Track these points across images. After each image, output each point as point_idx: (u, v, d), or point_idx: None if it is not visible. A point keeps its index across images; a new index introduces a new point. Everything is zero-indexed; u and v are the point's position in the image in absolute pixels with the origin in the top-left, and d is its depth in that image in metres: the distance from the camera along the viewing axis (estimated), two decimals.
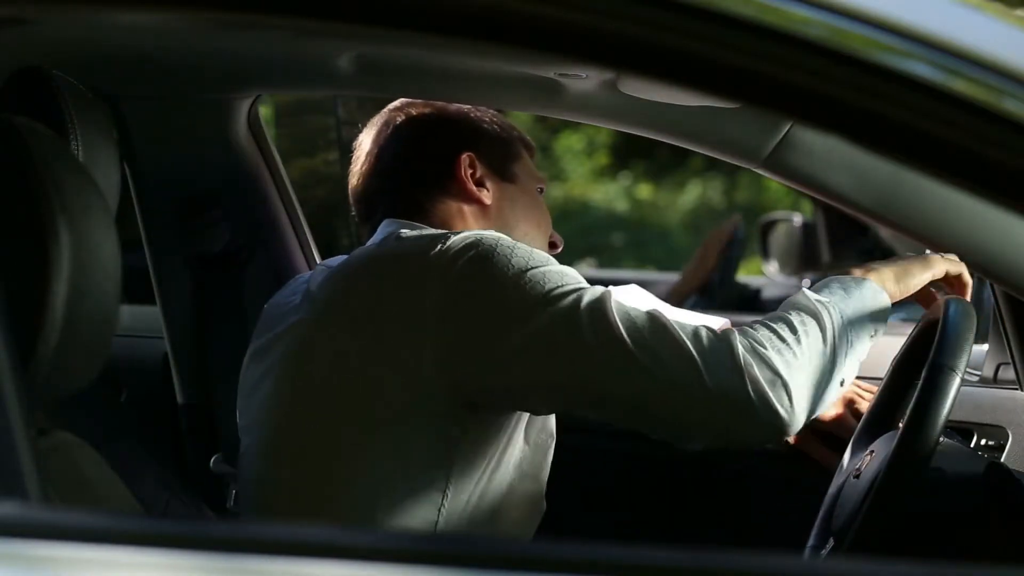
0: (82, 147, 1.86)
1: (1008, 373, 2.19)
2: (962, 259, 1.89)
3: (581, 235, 9.71)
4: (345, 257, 1.92)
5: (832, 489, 1.96)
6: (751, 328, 1.75)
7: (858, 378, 2.09)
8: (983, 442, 2.14)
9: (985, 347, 2.27)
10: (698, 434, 1.74)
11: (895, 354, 2.01)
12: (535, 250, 1.78)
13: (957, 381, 1.73)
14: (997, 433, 2.15)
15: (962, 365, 1.74)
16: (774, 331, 1.75)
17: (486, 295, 1.74)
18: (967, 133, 1.13)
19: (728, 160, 2.05)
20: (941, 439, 1.73)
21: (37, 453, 1.18)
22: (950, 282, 1.95)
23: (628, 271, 7.75)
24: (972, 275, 1.95)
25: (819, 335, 1.76)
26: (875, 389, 2.03)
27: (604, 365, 1.71)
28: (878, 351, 2.05)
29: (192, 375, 2.42)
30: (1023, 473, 1.81)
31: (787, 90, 1.15)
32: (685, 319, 2.18)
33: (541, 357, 1.72)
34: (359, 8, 1.18)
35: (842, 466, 1.97)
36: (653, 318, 1.73)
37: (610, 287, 1.77)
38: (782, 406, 1.69)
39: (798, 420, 1.71)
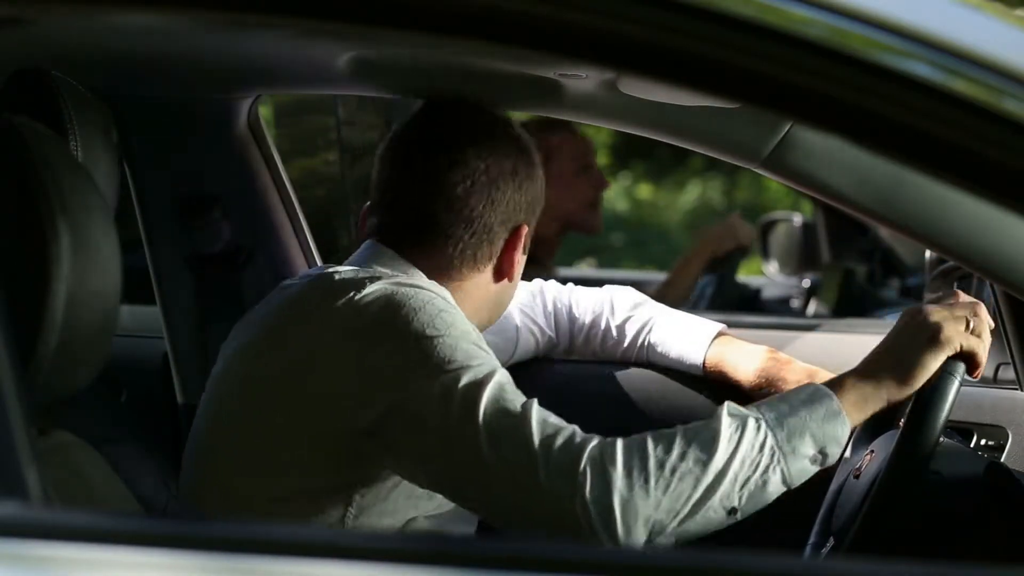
0: (82, 147, 1.86)
1: (1008, 373, 2.19)
2: (962, 259, 1.88)
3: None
4: (298, 282, 1.92)
5: (832, 489, 1.96)
6: (621, 441, 1.67)
7: None
8: (983, 442, 2.14)
9: None
10: (524, 528, 1.71)
11: None
12: (443, 314, 1.75)
13: (957, 382, 1.73)
14: (997, 433, 2.15)
15: (961, 367, 1.74)
16: (643, 451, 1.65)
17: (378, 351, 1.74)
18: (967, 133, 1.13)
19: (728, 160, 2.05)
20: (941, 439, 1.73)
21: (37, 453, 1.18)
22: (963, 357, 1.77)
23: (628, 271, 7.75)
24: (971, 275, 1.95)
25: (708, 463, 1.65)
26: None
27: (451, 451, 1.70)
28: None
29: (192, 375, 2.42)
30: (1023, 473, 1.81)
31: (787, 90, 1.15)
32: (677, 321, 2.19)
33: (403, 425, 1.72)
34: (359, 8, 1.18)
35: (842, 466, 1.97)
36: (520, 416, 1.68)
37: (497, 373, 1.72)
38: (605, 527, 1.61)
39: (632, 543, 1.62)
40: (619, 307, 2.22)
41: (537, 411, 1.69)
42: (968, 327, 1.76)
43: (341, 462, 1.78)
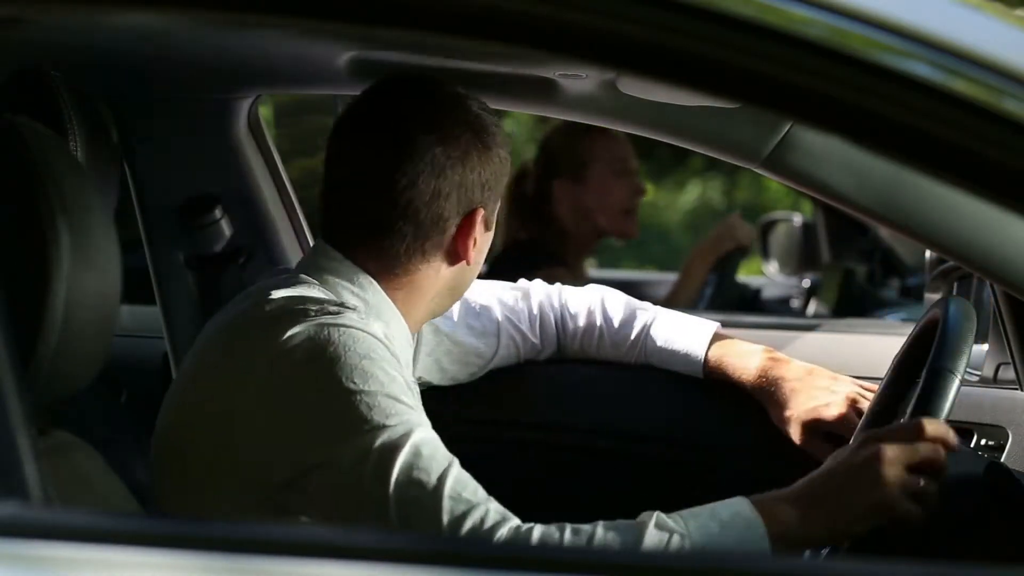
0: (82, 147, 1.87)
1: (1008, 373, 2.19)
2: (962, 259, 1.88)
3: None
4: (243, 297, 1.85)
5: None
6: (536, 528, 1.60)
7: (859, 377, 2.09)
8: (983, 442, 2.14)
9: (985, 347, 2.26)
10: None
11: (895, 354, 2.01)
12: (364, 363, 1.67)
13: (957, 383, 1.73)
14: (997, 433, 2.15)
15: (962, 367, 1.74)
16: (558, 542, 1.56)
17: (295, 405, 1.67)
18: (967, 133, 1.13)
19: (728, 160, 2.05)
20: None
21: (37, 453, 1.18)
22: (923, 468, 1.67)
23: (628, 271, 7.74)
24: (971, 275, 1.95)
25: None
26: (876, 388, 2.03)
27: (363, 514, 1.63)
28: (878, 351, 2.05)
29: None
30: (1023, 473, 1.81)
31: (787, 90, 1.15)
32: (674, 321, 2.17)
33: (318, 484, 1.65)
34: (359, 8, 1.18)
35: None
36: (433, 489, 1.61)
37: (415, 433, 1.64)
38: None
39: None
40: (614, 308, 2.20)
41: (452, 483, 1.61)
42: (924, 468, 1.66)
43: (266, 509, 1.70)
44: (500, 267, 3.38)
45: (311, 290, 1.78)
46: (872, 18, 1.14)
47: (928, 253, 2.86)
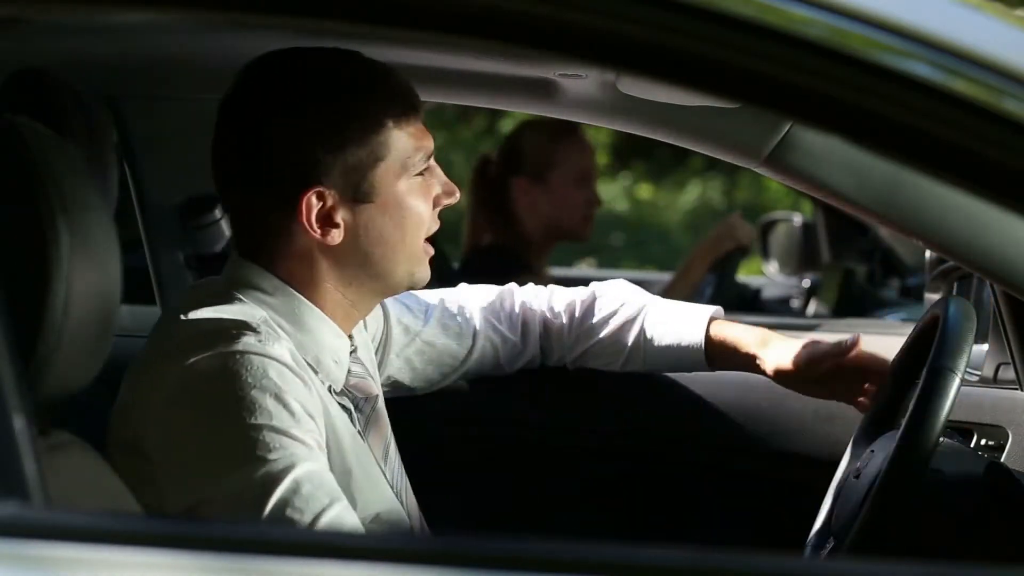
0: (82, 147, 1.87)
1: (1008, 373, 2.19)
2: (962, 259, 1.88)
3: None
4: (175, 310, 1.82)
5: (832, 489, 1.96)
6: None
7: None
8: (983, 442, 2.14)
9: (985, 347, 2.27)
10: None
11: (895, 354, 2.01)
12: (252, 394, 1.63)
13: (957, 382, 1.73)
14: (997, 433, 2.15)
15: (962, 366, 1.74)
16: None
17: (193, 435, 1.65)
18: (967, 133, 1.13)
19: (728, 160, 2.05)
20: (941, 439, 1.73)
21: (37, 453, 1.18)
22: None
23: (628, 271, 7.74)
24: (971, 275, 1.95)
25: None
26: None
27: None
28: (878, 351, 2.05)
29: None
30: (1023, 473, 1.81)
31: (787, 90, 1.15)
32: (669, 307, 2.15)
33: (207, 515, 1.62)
34: (359, 8, 1.18)
35: (842, 466, 1.97)
36: (308, 527, 1.59)
37: (296, 469, 1.61)
38: None
39: None
40: (606, 301, 2.15)
41: (328, 522, 1.60)
42: None
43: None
44: (467, 275, 3.34)
45: (216, 310, 1.74)
46: (872, 18, 1.14)
47: (928, 253, 2.86)
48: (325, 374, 1.79)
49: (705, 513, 2.37)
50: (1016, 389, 2.16)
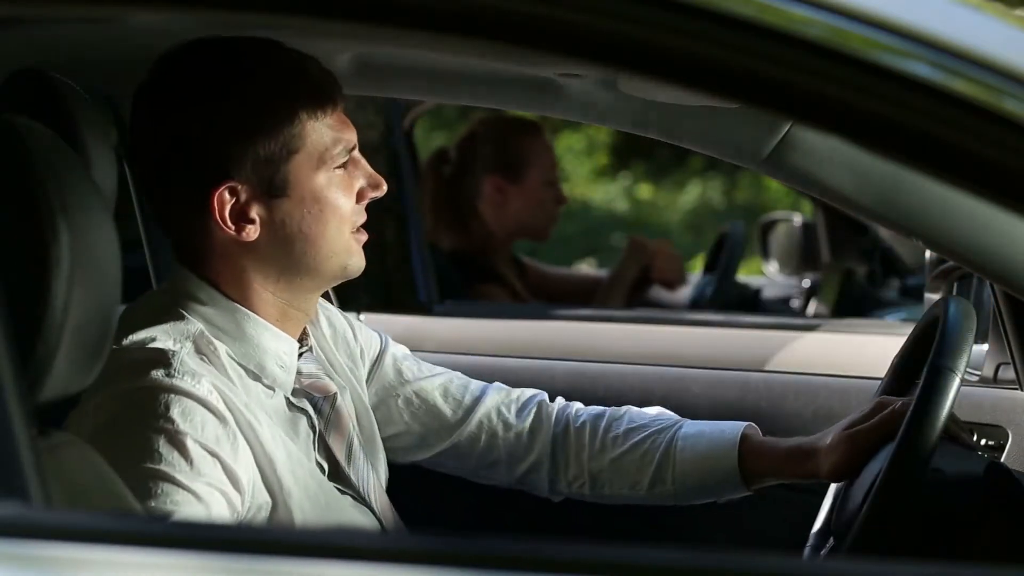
0: (82, 147, 1.86)
1: (1008, 373, 2.19)
2: (962, 259, 1.88)
3: (581, 235, 9.70)
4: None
5: (832, 489, 1.96)
6: None
7: (859, 378, 2.10)
8: (983, 442, 2.14)
9: (985, 347, 2.27)
10: None
11: (895, 354, 2.01)
12: (166, 441, 1.61)
13: (957, 381, 1.73)
14: (997, 433, 2.15)
15: (962, 365, 1.74)
16: None
17: (95, 465, 1.57)
18: (967, 133, 1.13)
19: (728, 160, 2.05)
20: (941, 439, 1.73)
21: (37, 453, 1.18)
22: None
23: None
24: (971, 275, 1.95)
25: None
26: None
27: None
28: (878, 351, 2.05)
29: None
30: (1023, 473, 1.81)
31: (787, 90, 1.15)
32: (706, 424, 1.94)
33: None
34: (359, 8, 1.18)
35: None
36: None
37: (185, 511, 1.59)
38: None
39: None
40: (636, 412, 1.99)
41: None
42: None
43: None
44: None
45: (147, 333, 1.71)
46: (872, 18, 1.14)
47: (928, 253, 2.87)
48: (271, 379, 1.75)
49: (705, 513, 2.37)
50: (1016, 389, 2.16)
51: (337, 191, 1.75)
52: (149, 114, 1.76)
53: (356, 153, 1.77)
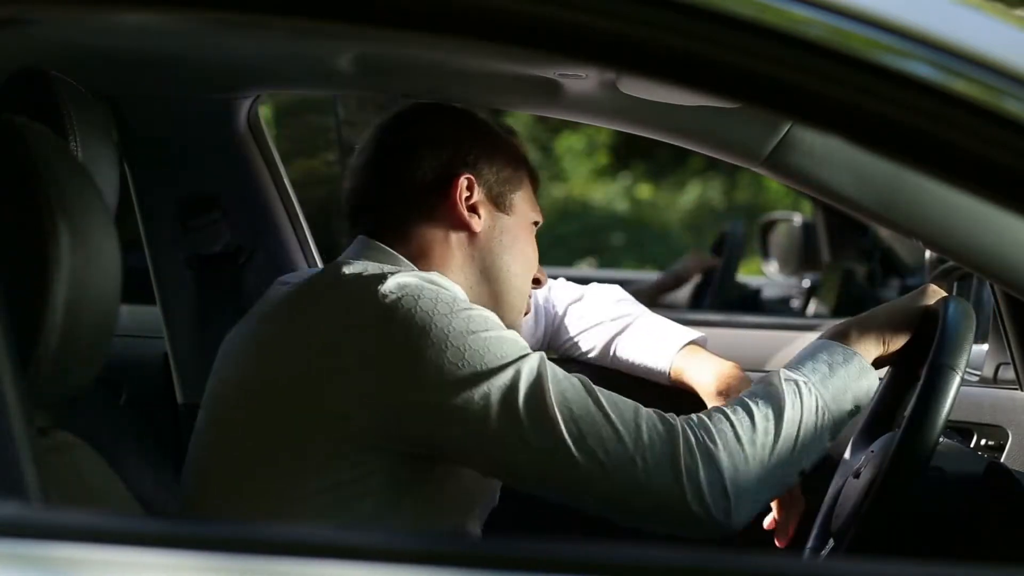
0: (82, 147, 1.86)
1: (1008, 373, 2.19)
2: (962, 259, 1.88)
3: (581, 235, 9.72)
4: (298, 279, 1.89)
5: (832, 489, 1.96)
6: (708, 419, 1.69)
7: None
8: (983, 442, 2.15)
9: (985, 347, 2.27)
10: (633, 521, 1.70)
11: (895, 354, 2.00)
12: (475, 310, 1.72)
13: (957, 381, 1.73)
14: (997, 433, 2.15)
15: (962, 365, 1.74)
16: (732, 426, 1.69)
17: (414, 350, 1.68)
18: (967, 133, 1.13)
19: (728, 160, 2.05)
20: (941, 439, 1.73)
21: (37, 453, 1.18)
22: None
23: (628, 271, 7.75)
24: (971, 275, 1.95)
25: (783, 429, 1.70)
26: None
27: (540, 458, 1.67)
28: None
29: (192, 375, 2.42)
30: (1023, 473, 1.82)
31: (787, 90, 1.15)
32: (651, 328, 2.18)
33: (474, 431, 1.67)
34: (359, 8, 1.18)
35: (842, 466, 1.97)
36: (593, 406, 1.67)
37: (537, 358, 1.71)
38: (721, 511, 1.65)
39: (737, 524, 1.68)
40: (592, 309, 2.22)
41: (604, 399, 1.67)
42: None
43: (365, 463, 1.72)
44: None
45: (374, 265, 1.81)
46: (872, 18, 1.14)
47: (928, 253, 2.87)
48: None
49: None
50: (1016, 389, 2.16)
51: (529, 246, 1.96)
52: (402, 123, 1.95)
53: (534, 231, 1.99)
